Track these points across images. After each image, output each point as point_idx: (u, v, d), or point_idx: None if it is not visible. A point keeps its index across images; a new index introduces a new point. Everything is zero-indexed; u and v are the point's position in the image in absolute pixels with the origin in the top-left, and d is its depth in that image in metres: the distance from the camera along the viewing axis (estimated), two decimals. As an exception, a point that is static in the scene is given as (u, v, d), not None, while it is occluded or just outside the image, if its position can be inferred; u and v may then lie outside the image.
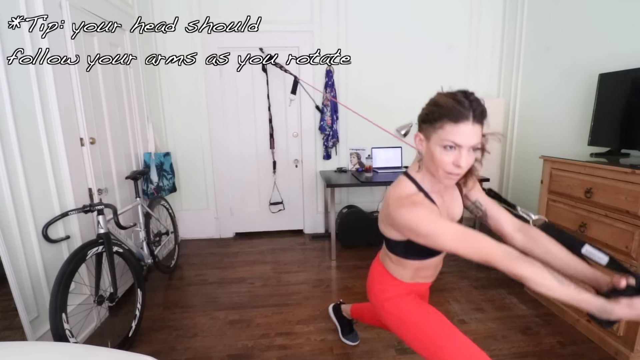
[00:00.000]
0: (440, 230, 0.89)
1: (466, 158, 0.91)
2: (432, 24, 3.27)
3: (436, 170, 0.96)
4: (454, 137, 0.89)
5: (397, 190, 1.03)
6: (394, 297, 1.19)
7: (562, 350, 1.80)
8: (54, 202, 1.78)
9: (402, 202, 0.96)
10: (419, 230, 0.91)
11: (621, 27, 2.16)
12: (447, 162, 0.92)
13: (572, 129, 2.53)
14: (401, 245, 1.09)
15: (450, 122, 0.89)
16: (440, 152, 0.92)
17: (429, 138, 0.96)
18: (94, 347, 1.01)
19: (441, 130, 0.91)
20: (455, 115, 0.88)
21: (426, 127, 0.96)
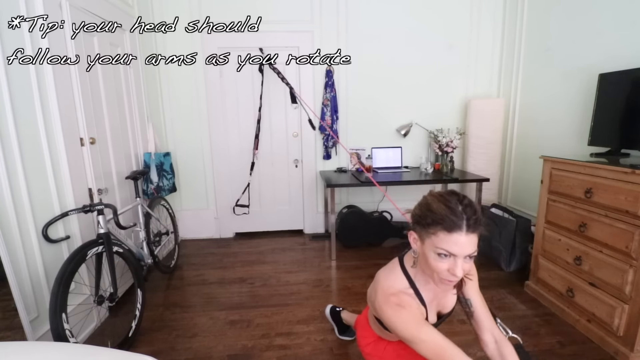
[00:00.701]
0: (419, 339, 0.91)
1: (461, 267, 0.89)
2: (432, 23, 3.27)
3: (431, 273, 0.95)
4: (447, 247, 0.87)
5: (388, 282, 1.02)
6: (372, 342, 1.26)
7: (562, 350, 1.80)
8: (54, 202, 1.78)
9: (388, 300, 0.96)
10: (399, 333, 0.94)
11: (621, 27, 2.16)
12: (442, 270, 0.90)
13: (572, 129, 2.53)
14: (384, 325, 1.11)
15: (444, 230, 0.87)
16: (434, 259, 0.90)
17: (422, 241, 0.93)
18: (94, 347, 1.01)
19: (435, 237, 0.88)
20: (448, 225, 0.86)
21: (419, 229, 0.94)
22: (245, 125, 3.34)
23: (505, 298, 2.29)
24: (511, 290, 2.39)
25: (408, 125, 3.36)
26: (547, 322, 2.03)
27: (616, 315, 1.70)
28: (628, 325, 1.66)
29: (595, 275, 1.83)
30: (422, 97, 3.40)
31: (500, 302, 2.24)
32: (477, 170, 3.24)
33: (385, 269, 1.07)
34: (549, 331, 1.95)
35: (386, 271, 1.07)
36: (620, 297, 1.69)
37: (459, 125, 3.47)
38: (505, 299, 2.28)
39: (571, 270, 1.99)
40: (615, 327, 1.71)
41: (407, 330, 0.92)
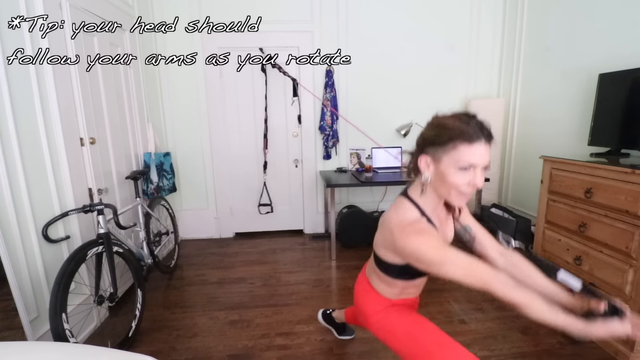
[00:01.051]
0: (446, 259, 0.90)
1: (481, 177, 0.92)
2: (432, 23, 3.27)
3: (448, 191, 0.96)
4: (470, 158, 0.89)
5: (400, 215, 1.01)
6: (380, 311, 1.21)
7: (562, 350, 1.79)
8: (54, 202, 1.78)
9: (407, 230, 0.95)
10: (425, 258, 0.92)
11: (621, 27, 2.16)
12: (462, 183, 0.92)
13: (572, 129, 2.53)
14: (395, 269, 1.09)
15: (464, 142, 0.89)
16: (454, 174, 0.92)
17: (438, 160, 0.94)
18: (94, 347, 1.01)
19: (454, 151, 0.90)
20: (469, 136, 0.89)
21: (434, 149, 0.94)
22: (245, 125, 3.34)
23: (505, 298, 2.29)
24: (511, 290, 2.38)
25: (408, 125, 3.36)
26: (547, 322, 2.03)
27: (616, 315, 1.70)
28: (628, 325, 1.66)
29: (595, 275, 1.83)
30: (422, 97, 3.40)
31: (500, 302, 2.24)
32: (477, 170, 3.24)
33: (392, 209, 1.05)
34: (549, 331, 1.95)
35: (393, 209, 1.04)
36: (620, 297, 1.69)
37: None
38: (505, 299, 2.28)
39: (571, 270, 1.99)
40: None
41: (436, 252, 0.90)
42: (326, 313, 1.92)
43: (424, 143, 0.97)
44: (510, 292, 0.88)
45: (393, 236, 0.98)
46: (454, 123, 0.91)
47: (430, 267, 0.92)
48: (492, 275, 0.90)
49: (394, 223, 0.99)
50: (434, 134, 0.95)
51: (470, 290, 2.40)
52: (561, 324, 0.85)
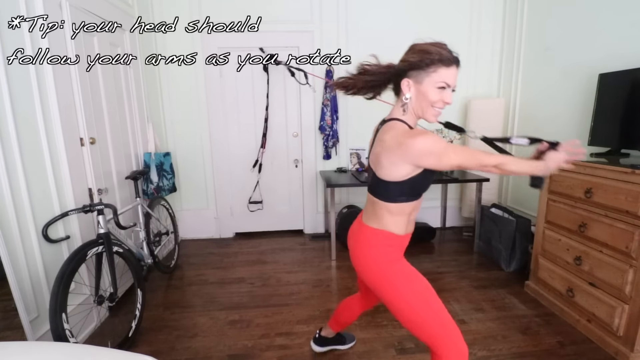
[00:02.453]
0: (448, 147, 1.04)
1: (450, 96, 1.09)
2: (433, 23, 3.27)
3: (426, 108, 1.10)
4: (447, 79, 1.06)
5: (399, 129, 1.10)
6: (398, 260, 1.21)
7: (562, 350, 1.80)
8: (54, 202, 1.78)
9: (412, 133, 1.05)
10: (436, 149, 1.02)
11: (621, 27, 2.16)
12: (438, 100, 1.08)
13: (572, 128, 2.53)
14: (406, 187, 1.13)
15: (443, 66, 1.05)
16: (433, 93, 1.07)
17: (420, 82, 1.08)
18: (94, 347, 1.01)
19: (435, 74, 1.06)
20: (448, 60, 1.05)
21: (417, 72, 1.08)
22: (245, 125, 3.34)
23: (505, 298, 2.29)
24: (511, 290, 2.39)
25: (408, 125, 3.36)
26: (547, 322, 2.03)
27: (616, 315, 1.70)
28: (628, 325, 1.66)
29: (595, 275, 1.83)
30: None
31: (500, 302, 2.24)
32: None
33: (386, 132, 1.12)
34: (549, 331, 1.95)
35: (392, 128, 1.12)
36: (620, 297, 1.69)
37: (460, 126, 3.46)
38: (505, 299, 2.28)
39: (571, 270, 1.99)
40: (615, 327, 1.71)
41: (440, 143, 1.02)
42: (316, 338, 1.79)
43: (409, 67, 1.09)
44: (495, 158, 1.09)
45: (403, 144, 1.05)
46: (435, 49, 1.06)
47: (438, 156, 1.03)
48: (481, 152, 1.09)
49: (400, 135, 1.08)
50: (418, 59, 1.07)
51: (470, 290, 2.40)
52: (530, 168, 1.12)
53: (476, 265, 2.78)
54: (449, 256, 2.99)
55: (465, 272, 2.67)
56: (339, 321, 1.67)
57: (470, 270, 2.69)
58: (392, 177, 1.12)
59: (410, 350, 1.80)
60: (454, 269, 2.73)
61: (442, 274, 2.65)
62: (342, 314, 1.65)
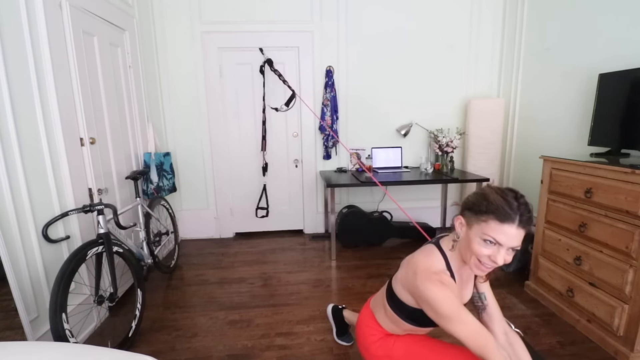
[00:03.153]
0: (457, 317, 0.93)
1: (504, 256, 0.94)
2: (432, 23, 3.27)
3: (469, 258, 1.00)
4: (496, 236, 0.92)
5: (427, 262, 1.04)
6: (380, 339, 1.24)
7: (562, 350, 1.80)
8: (54, 202, 1.78)
9: (431, 277, 0.98)
10: (439, 309, 0.95)
11: (621, 27, 2.16)
12: (483, 254, 0.95)
13: (572, 129, 2.53)
14: (407, 310, 1.11)
15: (496, 220, 0.92)
16: (478, 244, 0.96)
17: (470, 226, 0.99)
18: (94, 347, 1.01)
19: (485, 224, 0.94)
20: (502, 215, 0.91)
21: (470, 215, 0.99)
22: (245, 125, 3.34)
23: (506, 298, 2.29)
24: (511, 290, 2.39)
25: (408, 125, 3.36)
26: (547, 322, 2.03)
27: (616, 315, 1.70)
28: (628, 325, 1.66)
29: (595, 275, 1.83)
30: (422, 97, 3.40)
31: (500, 302, 2.24)
32: (477, 170, 3.24)
33: (421, 253, 1.09)
34: (549, 331, 1.95)
35: (423, 253, 1.08)
36: (620, 297, 1.69)
37: (459, 125, 3.47)
38: (506, 299, 2.28)
39: (571, 270, 1.99)
40: (615, 327, 1.71)
41: (450, 307, 0.93)
42: (337, 308, 1.89)
43: (465, 206, 1.02)
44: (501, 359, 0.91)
45: (416, 278, 1.01)
46: (495, 198, 0.94)
47: (440, 318, 0.95)
48: (494, 348, 0.91)
49: (421, 267, 1.02)
50: (473, 201, 0.99)
51: (470, 290, 2.40)
52: None
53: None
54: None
55: (465, 272, 2.67)
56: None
57: (470, 270, 2.69)
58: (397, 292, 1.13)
59: (410, 350, 1.80)
60: (454, 269, 2.72)
61: (442, 274, 2.65)
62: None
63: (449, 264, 1.05)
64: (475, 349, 0.92)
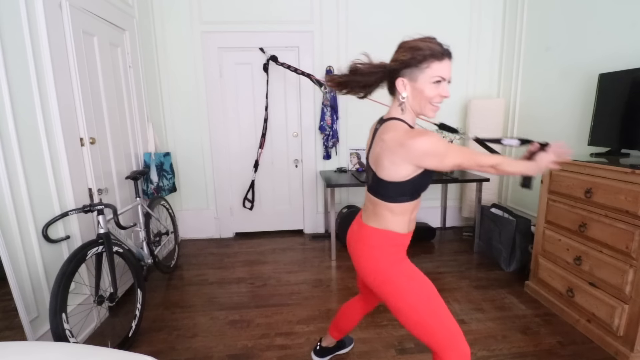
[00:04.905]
0: (449, 148, 1.04)
1: (447, 89, 1.09)
2: (432, 23, 3.27)
3: (425, 105, 1.11)
4: (441, 73, 1.06)
5: (399, 129, 1.10)
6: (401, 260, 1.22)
7: (562, 350, 1.80)
8: (54, 202, 1.78)
9: (414, 134, 1.05)
10: (437, 150, 1.03)
11: (621, 27, 2.16)
12: (435, 94, 1.08)
13: (572, 129, 2.53)
14: (408, 187, 1.13)
15: (436, 60, 1.05)
16: (430, 88, 1.07)
17: (415, 79, 1.08)
18: (94, 347, 1.01)
19: (428, 69, 1.06)
20: (439, 54, 1.05)
21: (410, 70, 1.08)
22: (245, 125, 3.35)
23: (506, 298, 2.29)
24: (511, 290, 2.39)
25: (408, 125, 3.36)
26: (547, 322, 2.03)
27: (616, 315, 1.70)
28: (628, 325, 1.66)
29: (595, 275, 1.83)
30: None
31: (500, 302, 2.24)
32: (477, 170, 3.24)
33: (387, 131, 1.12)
34: (549, 331, 1.95)
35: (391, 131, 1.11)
36: (620, 297, 1.69)
37: (459, 125, 3.46)
38: (505, 299, 2.28)
39: (571, 270, 1.99)
40: (615, 327, 1.71)
41: (442, 143, 1.03)
42: (316, 349, 1.75)
43: (402, 66, 1.08)
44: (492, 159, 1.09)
45: (405, 145, 1.05)
46: (425, 44, 1.06)
47: (439, 157, 1.03)
48: (479, 153, 1.09)
49: (400, 135, 1.07)
50: (410, 57, 1.06)
51: (470, 290, 2.40)
52: (524, 168, 1.13)
53: (476, 265, 2.78)
54: (449, 256, 2.99)
55: (465, 272, 2.67)
56: (339, 327, 1.64)
57: (470, 270, 2.69)
58: (393, 178, 1.12)
59: (410, 350, 1.80)
60: (454, 269, 2.73)
61: (442, 274, 2.65)
62: (342, 319, 1.62)
63: (408, 124, 1.14)
64: (471, 163, 1.07)
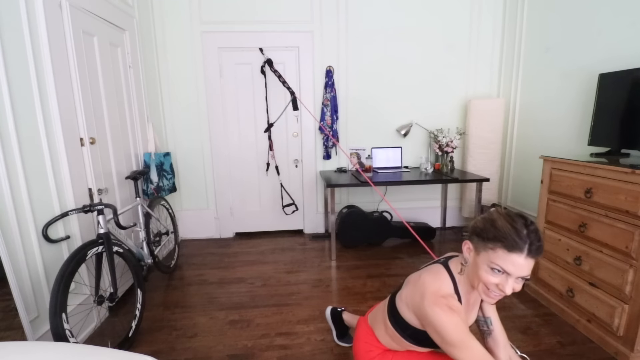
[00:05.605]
0: (464, 344, 0.91)
1: (512, 286, 0.90)
2: (432, 23, 3.27)
3: (477, 284, 0.97)
4: (504, 265, 0.88)
5: (435, 285, 1.01)
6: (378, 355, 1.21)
7: (562, 350, 1.80)
8: (54, 202, 1.78)
9: (439, 302, 0.95)
10: (445, 335, 0.92)
11: (621, 27, 2.16)
12: (491, 283, 0.92)
13: (572, 129, 2.53)
14: (410, 330, 1.09)
15: (504, 249, 0.88)
16: (486, 272, 0.92)
17: (478, 252, 0.95)
18: (94, 347, 1.01)
19: (492, 252, 0.90)
20: (511, 244, 0.87)
21: (478, 241, 0.95)
22: (245, 124, 3.34)
23: (506, 298, 2.29)
24: (511, 290, 2.38)
25: (408, 125, 3.36)
26: (547, 322, 2.03)
27: (616, 315, 1.70)
28: (628, 325, 1.66)
29: (595, 275, 1.83)
30: (422, 97, 3.40)
31: (500, 302, 2.24)
32: (477, 170, 3.24)
33: (429, 273, 1.04)
34: (549, 331, 1.95)
35: (431, 275, 1.04)
36: (620, 297, 1.69)
37: (459, 125, 3.47)
38: (506, 299, 2.28)
39: (571, 270, 1.99)
40: (615, 327, 1.71)
41: (458, 333, 0.91)
42: (336, 310, 1.87)
43: (472, 232, 0.98)
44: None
45: (423, 301, 0.98)
46: (504, 225, 0.90)
47: (445, 344, 0.93)
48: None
49: (429, 290, 0.99)
50: (481, 227, 0.95)
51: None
52: None
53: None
54: (449, 256, 2.98)
55: (465, 272, 2.67)
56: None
57: (470, 270, 2.69)
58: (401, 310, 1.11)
59: (410, 350, 1.80)
60: (454, 269, 2.72)
61: (442, 274, 2.65)
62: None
63: (457, 287, 1.02)
64: None
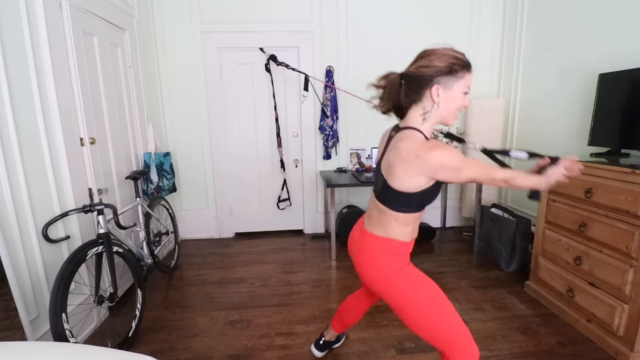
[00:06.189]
0: (464, 163, 1.04)
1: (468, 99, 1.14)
2: (432, 24, 3.27)
3: (451, 114, 1.14)
4: (470, 84, 1.12)
5: (415, 140, 1.09)
6: (405, 267, 1.21)
7: (562, 350, 1.80)
8: (54, 202, 1.78)
9: (429, 145, 1.05)
10: (454, 163, 1.03)
11: (621, 27, 2.16)
12: (462, 105, 1.13)
13: (572, 128, 2.53)
14: (417, 198, 1.12)
15: (468, 72, 1.11)
16: (461, 98, 1.12)
17: (450, 87, 1.10)
18: (94, 347, 1.01)
19: (462, 79, 1.10)
20: (469, 66, 1.11)
21: (447, 78, 1.09)
22: (245, 124, 3.34)
23: (505, 298, 2.29)
24: (511, 290, 2.39)
25: (408, 125, 3.36)
26: (547, 322, 2.03)
27: (616, 315, 1.70)
28: (628, 325, 1.66)
29: (595, 275, 1.83)
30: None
31: (500, 302, 2.24)
32: (477, 170, 3.24)
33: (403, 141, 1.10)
34: (549, 331, 1.95)
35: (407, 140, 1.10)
36: (620, 297, 1.69)
37: (459, 125, 3.47)
38: (505, 299, 2.28)
39: (571, 270, 1.99)
40: (615, 327, 1.71)
41: (457, 158, 1.03)
42: (319, 344, 1.75)
43: (441, 73, 1.09)
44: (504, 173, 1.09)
45: (421, 156, 1.04)
46: (458, 54, 1.11)
47: (455, 170, 1.04)
48: (492, 167, 1.10)
49: (417, 146, 1.06)
50: (448, 64, 1.08)
51: (470, 290, 2.40)
52: (534, 183, 1.12)
53: (476, 265, 2.78)
54: (449, 256, 2.99)
55: (465, 272, 2.67)
56: (344, 321, 1.65)
57: (470, 270, 2.69)
58: (405, 188, 1.10)
59: (410, 350, 1.80)
60: (454, 269, 2.73)
61: (442, 274, 2.65)
62: (347, 312, 1.63)
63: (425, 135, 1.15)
64: (485, 178, 1.07)
